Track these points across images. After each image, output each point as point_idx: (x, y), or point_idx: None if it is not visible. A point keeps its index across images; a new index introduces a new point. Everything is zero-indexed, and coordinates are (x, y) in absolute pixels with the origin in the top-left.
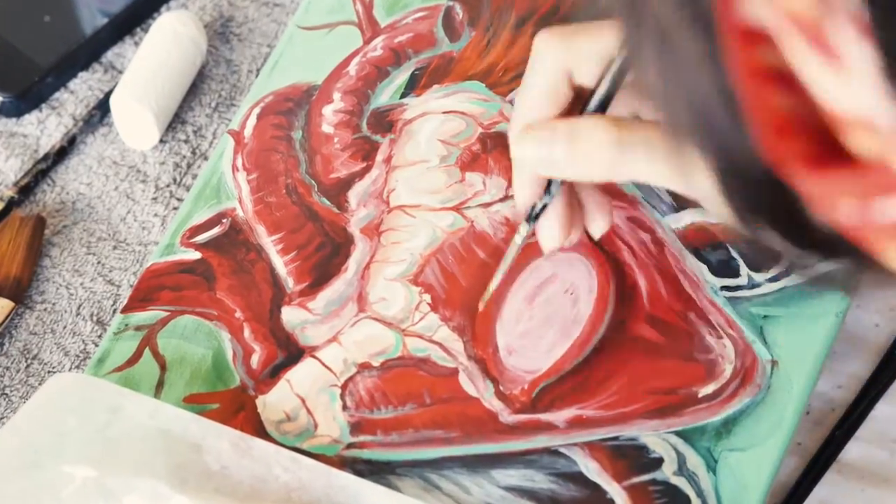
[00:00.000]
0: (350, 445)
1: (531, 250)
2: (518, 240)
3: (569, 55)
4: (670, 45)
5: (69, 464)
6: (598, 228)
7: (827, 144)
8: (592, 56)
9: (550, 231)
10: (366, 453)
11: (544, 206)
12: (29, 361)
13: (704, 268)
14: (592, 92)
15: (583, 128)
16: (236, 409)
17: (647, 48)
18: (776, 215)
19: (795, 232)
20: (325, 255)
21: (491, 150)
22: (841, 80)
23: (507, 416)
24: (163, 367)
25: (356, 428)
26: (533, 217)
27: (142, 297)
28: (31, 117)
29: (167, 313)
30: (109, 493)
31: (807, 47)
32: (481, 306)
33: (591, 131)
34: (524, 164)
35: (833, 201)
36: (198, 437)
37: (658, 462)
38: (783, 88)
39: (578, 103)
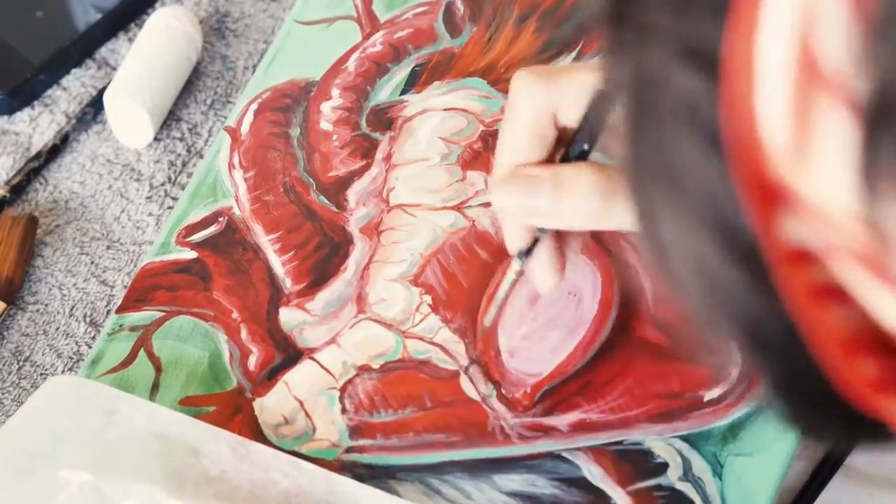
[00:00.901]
0: (349, 449)
1: None
2: (512, 275)
3: (553, 95)
4: (713, 280)
5: (65, 468)
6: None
7: None
8: (577, 95)
9: (542, 273)
10: (365, 457)
11: (535, 243)
12: (21, 363)
13: None
14: (576, 133)
15: (566, 176)
16: (233, 412)
17: (689, 281)
18: (833, 421)
19: (851, 430)
20: (324, 255)
21: (493, 148)
22: None
23: (509, 420)
24: (158, 369)
25: (355, 431)
26: (523, 254)
27: (136, 297)
28: (23, 115)
29: (162, 314)
30: (106, 498)
31: (866, 277)
32: (486, 323)
33: (576, 180)
34: (507, 213)
35: None
36: (196, 441)
37: (663, 467)
38: (842, 306)
39: (561, 145)
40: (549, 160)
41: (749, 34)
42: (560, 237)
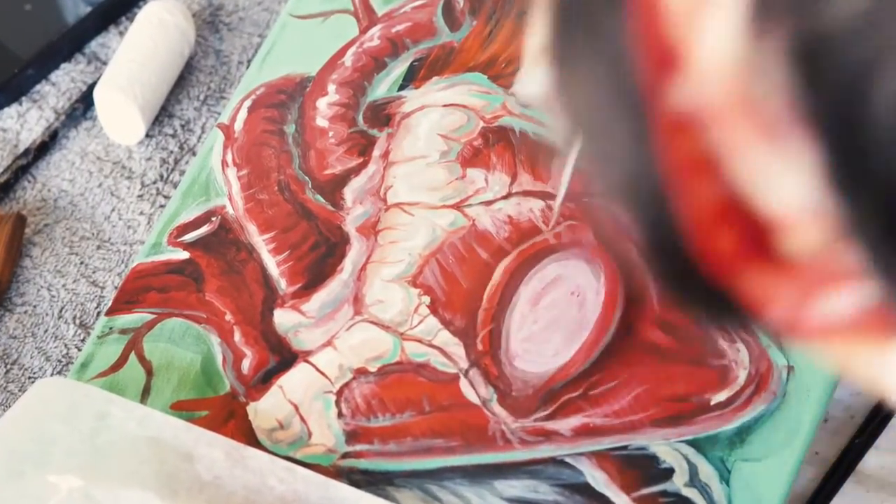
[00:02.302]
0: (346, 455)
1: (536, 252)
2: None
3: None
4: (601, 126)
5: (54, 473)
6: None
7: (758, 241)
8: None
9: None
10: (362, 463)
11: None
12: (8, 367)
13: None
14: None
15: None
16: (226, 416)
17: (582, 130)
18: (694, 292)
19: (714, 305)
20: (320, 255)
21: (493, 144)
22: (778, 173)
23: (510, 424)
24: (149, 373)
25: (352, 436)
26: None
27: (127, 299)
28: (11, 111)
29: (154, 316)
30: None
31: (742, 135)
32: None
33: None
34: None
35: (765, 300)
36: (189, 446)
37: (669, 472)
38: (713, 180)
39: None
40: None
41: None
42: None
